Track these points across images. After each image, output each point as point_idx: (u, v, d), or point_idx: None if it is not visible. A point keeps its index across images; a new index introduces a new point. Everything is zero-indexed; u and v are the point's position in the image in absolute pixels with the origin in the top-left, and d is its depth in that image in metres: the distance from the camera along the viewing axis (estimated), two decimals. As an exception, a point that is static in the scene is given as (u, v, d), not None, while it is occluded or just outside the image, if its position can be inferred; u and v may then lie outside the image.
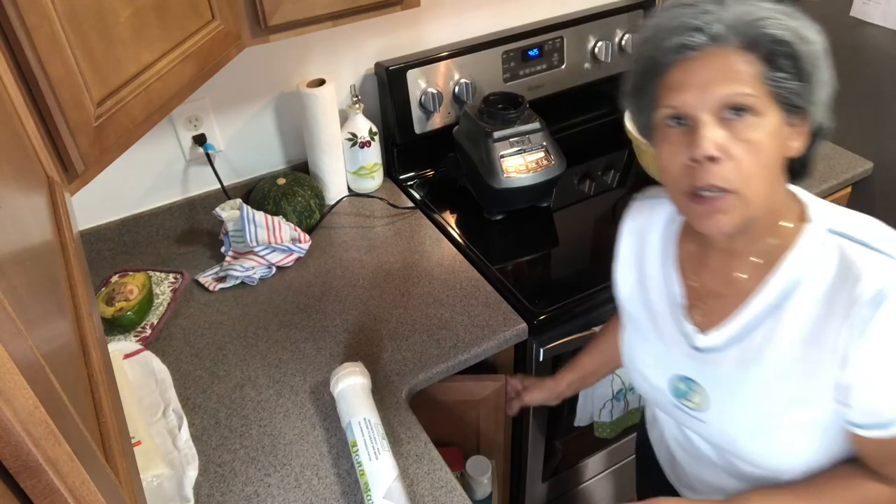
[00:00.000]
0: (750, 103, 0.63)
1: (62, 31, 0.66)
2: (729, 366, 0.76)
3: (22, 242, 0.42)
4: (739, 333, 0.75)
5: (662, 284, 0.83)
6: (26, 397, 0.28)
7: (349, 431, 0.93)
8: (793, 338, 0.71)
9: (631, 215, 0.90)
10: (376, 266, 1.32)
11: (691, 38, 0.64)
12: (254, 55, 1.32)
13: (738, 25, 0.63)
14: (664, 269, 0.83)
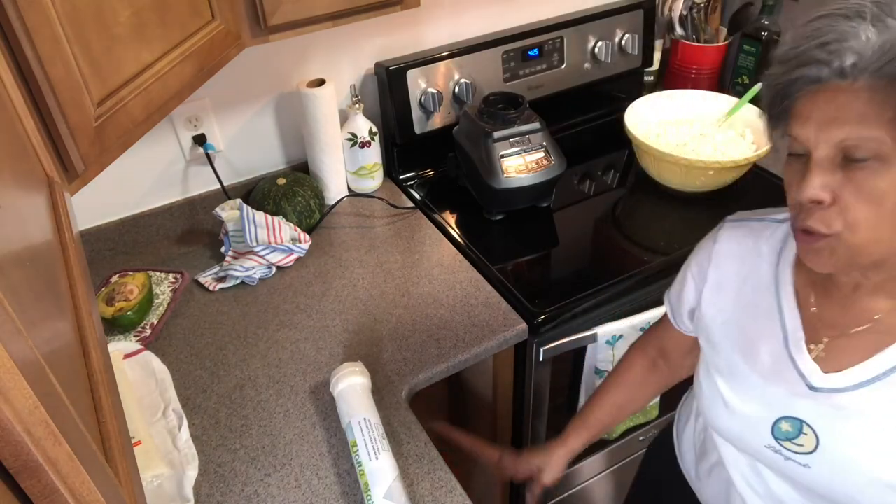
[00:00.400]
0: (870, 149, 0.56)
1: (62, 31, 0.66)
2: (854, 408, 0.68)
3: (22, 242, 0.42)
4: (877, 376, 0.67)
5: (770, 314, 0.75)
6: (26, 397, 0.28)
7: (349, 431, 0.93)
8: None
9: (727, 236, 0.81)
10: (376, 266, 1.32)
11: (816, 72, 0.57)
12: (254, 55, 1.32)
13: (875, 61, 0.54)
14: (776, 298, 0.75)
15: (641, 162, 1.52)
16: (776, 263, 0.76)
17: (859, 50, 0.54)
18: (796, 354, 0.72)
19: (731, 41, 1.75)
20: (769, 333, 0.75)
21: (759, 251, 0.77)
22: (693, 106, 1.57)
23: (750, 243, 0.79)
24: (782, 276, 0.75)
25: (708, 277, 0.82)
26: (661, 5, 1.73)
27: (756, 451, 0.78)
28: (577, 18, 1.59)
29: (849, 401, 0.69)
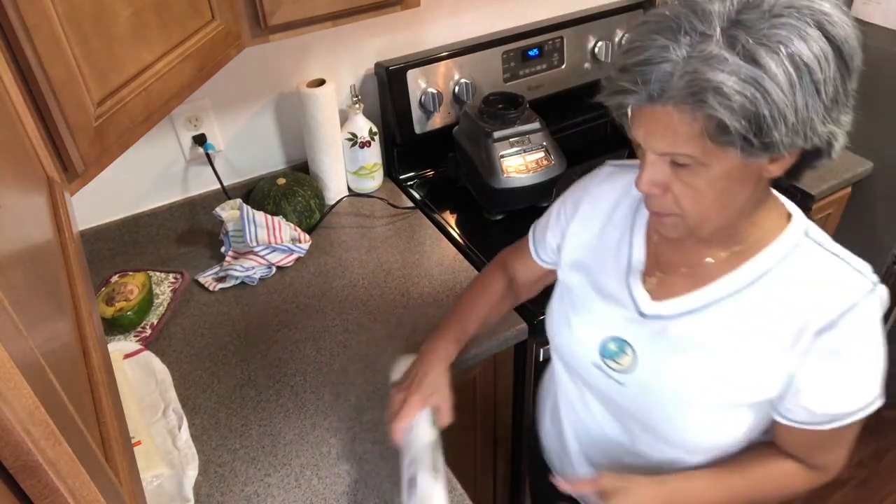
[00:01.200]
0: (687, 162, 0.64)
1: (62, 31, 0.66)
2: (673, 335, 0.77)
3: (22, 242, 0.42)
4: (696, 308, 0.76)
5: (622, 246, 0.84)
6: (26, 397, 0.28)
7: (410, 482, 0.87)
8: (748, 324, 0.73)
9: (605, 177, 0.89)
10: (376, 266, 1.32)
11: (628, 99, 0.62)
12: (254, 55, 1.32)
13: (679, 90, 0.59)
14: (630, 234, 0.84)
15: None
16: (638, 206, 0.84)
17: (663, 77, 0.59)
18: (633, 283, 0.81)
19: (731, 41, 1.74)
20: (617, 263, 0.84)
21: (629, 192, 0.86)
22: (693, 106, 1.57)
23: (622, 186, 0.87)
24: (639, 216, 0.84)
25: (579, 211, 0.89)
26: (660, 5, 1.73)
27: (583, 368, 0.87)
28: (577, 18, 1.59)
29: (668, 327, 0.78)
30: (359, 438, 1.01)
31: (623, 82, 0.62)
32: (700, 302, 0.76)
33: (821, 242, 0.73)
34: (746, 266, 0.74)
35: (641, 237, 0.83)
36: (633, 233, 0.84)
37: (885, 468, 1.97)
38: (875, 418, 0.74)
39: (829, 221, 1.66)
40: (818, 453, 0.79)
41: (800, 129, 0.60)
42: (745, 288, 0.74)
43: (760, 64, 0.57)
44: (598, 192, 0.88)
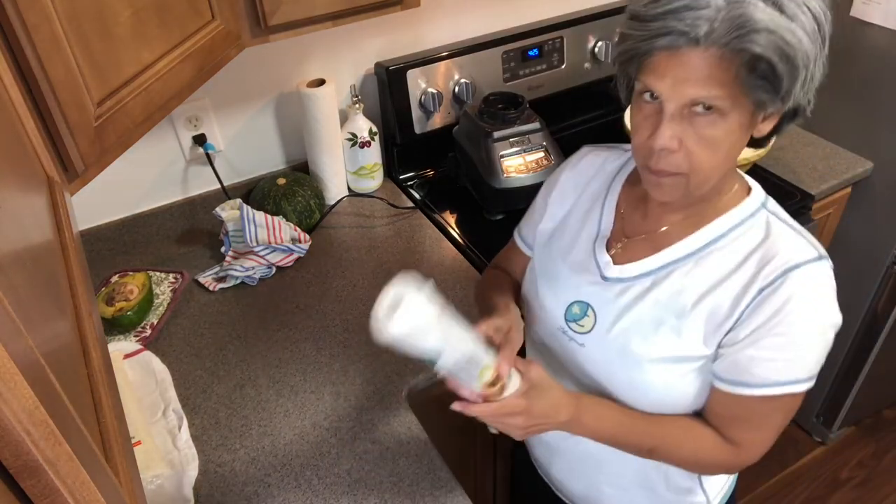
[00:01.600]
0: (717, 105, 0.65)
1: (62, 31, 0.66)
2: (629, 296, 0.81)
3: (22, 242, 0.42)
4: (653, 270, 0.80)
5: (592, 217, 0.88)
6: (26, 397, 0.28)
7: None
8: (700, 284, 0.77)
9: (582, 157, 0.94)
10: (376, 266, 1.32)
11: (675, 40, 0.63)
12: (254, 55, 1.31)
13: (725, 33, 0.62)
14: (601, 204, 0.88)
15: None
16: (611, 178, 0.89)
17: (711, 20, 0.62)
18: (598, 249, 0.85)
19: (731, 41, 1.74)
20: (586, 233, 0.88)
21: (604, 168, 0.91)
22: (693, 106, 1.57)
23: (599, 163, 0.92)
24: (612, 188, 0.88)
25: (556, 187, 0.94)
26: None
27: (549, 334, 0.90)
28: (577, 18, 1.59)
29: (627, 289, 0.82)
30: (359, 438, 1.01)
31: (671, 23, 0.63)
32: (657, 263, 0.80)
33: (776, 213, 0.78)
34: (703, 230, 0.78)
35: (611, 208, 0.87)
36: (605, 204, 0.88)
37: (885, 468, 1.97)
38: (875, 418, 0.74)
39: (829, 221, 1.66)
40: (736, 425, 0.79)
41: (807, 82, 0.66)
42: (699, 250, 0.78)
43: (789, 13, 0.62)
44: (575, 169, 0.93)
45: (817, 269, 0.72)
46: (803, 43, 0.63)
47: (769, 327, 0.72)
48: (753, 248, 0.75)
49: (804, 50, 0.63)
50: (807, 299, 0.72)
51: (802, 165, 1.58)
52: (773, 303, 0.72)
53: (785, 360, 0.73)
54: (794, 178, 1.53)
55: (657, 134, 0.68)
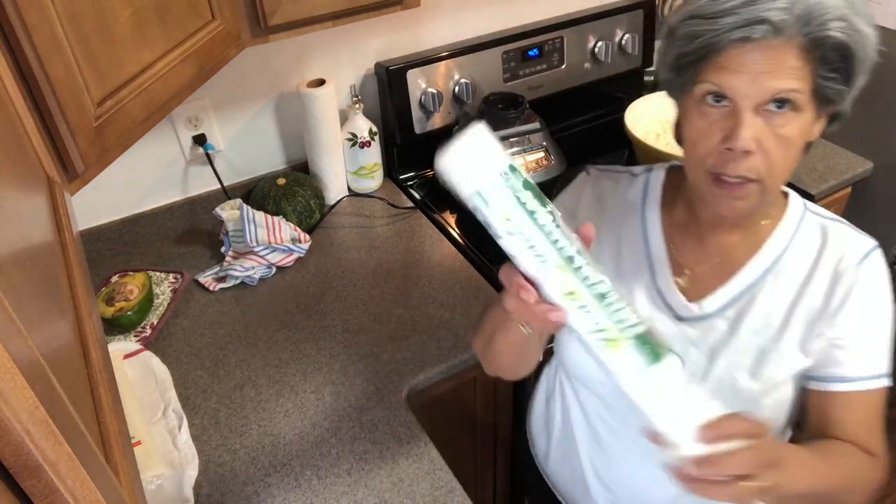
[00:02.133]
0: (795, 99, 0.63)
1: (62, 31, 0.66)
2: (718, 332, 0.76)
3: (22, 242, 0.42)
4: (735, 296, 0.76)
5: (638, 249, 0.80)
6: (26, 397, 0.28)
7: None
8: (785, 297, 0.74)
9: (596, 181, 0.85)
10: (376, 266, 1.32)
11: (753, 30, 0.60)
12: (254, 55, 1.32)
13: (806, 23, 0.60)
14: (641, 236, 0.81)
15: (641, 162, 1.52)
16: (641, 209, 0.82)
17: (788, 9, 0.59)
18: (664, 288, 0.78)
19: (731, 41, 1.74)
20: (636, 272, 0.80)
21: (625, 198, 0.83)
22: (693, 106, 1.57)
23: (615, 189, 0.84)
24: (649, 218, 0.81)
25: (579, 217, 0.82)
26: (661, 5, 1.73)
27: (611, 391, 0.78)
28: (577, 18, 1.59)
29: (712, 324, 0.76)
30: (359, 438, 1.01)
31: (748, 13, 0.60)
32: (737, 289, 0.76)
33: (819, 213, 0.78)
34: (769, 243, 0.75)
35: (658, 239, 0.80)
36: (648, 237, 0.80)
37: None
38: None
39: (829, 221, 1.66)
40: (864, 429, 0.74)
41: (861, 79, 0.65)
42: (772, 266, 0.75)
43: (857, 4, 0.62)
44: (596, 196, 0.84)
45: (880, 255, 0.74)
46: (869, 36, 0.63)
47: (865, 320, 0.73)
48: (819, 248, 0.75)
49: (870, 43, 0.63)
50: (882, 284, 0.73)
51: (802, 165, 1.58)
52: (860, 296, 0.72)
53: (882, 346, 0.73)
54: (794, 177, 1.53)
55: (736, 136, 0.63)
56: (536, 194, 0.50)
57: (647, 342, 0.50)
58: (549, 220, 0.50)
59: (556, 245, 0.50)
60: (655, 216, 0.81)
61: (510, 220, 0.49)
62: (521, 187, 0.50)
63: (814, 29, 0.60)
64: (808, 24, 0.60)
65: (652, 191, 0.83)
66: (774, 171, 0.66)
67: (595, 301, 0.50)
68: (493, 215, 0.50)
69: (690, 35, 0.64)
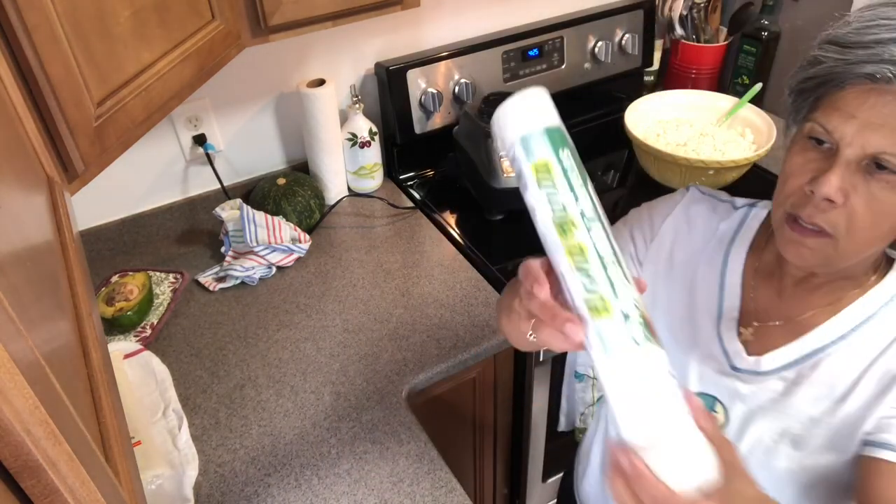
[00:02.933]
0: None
1: (62, 31, 0.65)
2: (769, 392, 0.70)
3: (22, 242, 0.42)
4: (797, 359, 0.69)
5: (710, 289, 0.75)
6: (26, 397, 0.28)
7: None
8: (853, 367, 0.66)
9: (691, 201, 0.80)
10: (376, 266, 1.32)
11: (882, 68, 0.53)
12: (254, 55, 1.32)
13: None
14: (718, 274, 0.75)
15: (641, 162, 1.52)
16: (729, 243, 0.76)
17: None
18: (725, 334, 0.73)
19: (731, 41, 1.75)
20: (704, 309, 0.75)
21: (717, 228, 0.77)
22: (693, 106, 1.57)
23: (710, 216, 0.78)
24: (733, 257, 0.75)
25: (661, 231, 0.79)
26: (661, 5, 1.73)
27: None
28: (577, 18, 1.59)
29: (766, 382, 0.70)
30: (359, 438, 1.01)
31: (883, 52, 0.53)
32: (800, 352, 0.68)
33: None
34: (849, 310, 0.67)
35: (736, 282, 0.74)
36: (725, 275, 0.74)
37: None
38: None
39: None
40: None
41: None
42: (848, 334, 0.67)
43: None
44: (684, 217, 0.78)
45: None
46: None
47: None
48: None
49: None
50: None
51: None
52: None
53: None
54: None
55: (823, 180, 0.57)
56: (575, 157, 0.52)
57: (642, 323, 0.48)
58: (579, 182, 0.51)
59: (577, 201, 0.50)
60: (740, 257, 0.74)
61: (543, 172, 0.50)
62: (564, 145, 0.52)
63: None
64: None
65: (747, 229, 0.76)
66: (855, 234, 0.59)
67: (600, 266, 0.48)
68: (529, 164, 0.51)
69: (817, 60, 0.58)
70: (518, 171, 0.52)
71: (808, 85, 0.60)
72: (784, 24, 1.68)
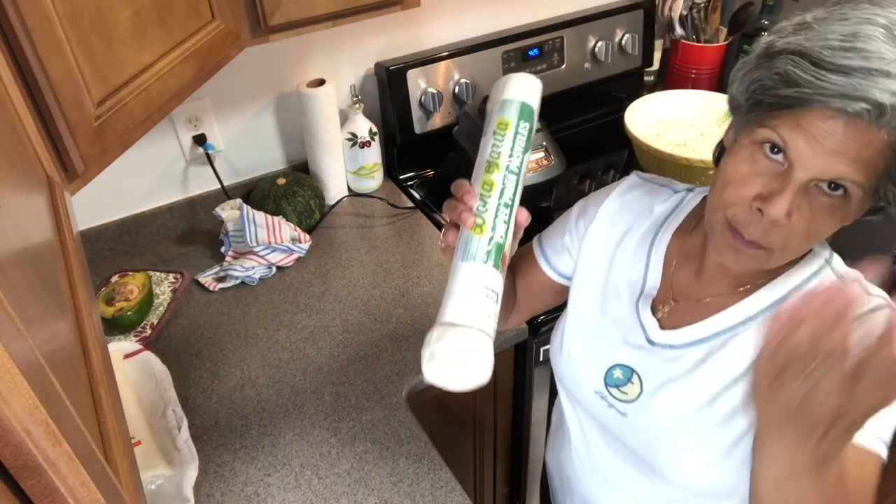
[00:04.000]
0: (852, 192, 0.55)
1: (62, 31, 0.66)
2: (682, 365, 0.73)
3: (22, 242, 0.42)
4: (707, 336, 0.72)
5: (636, 267, 0.79)
6: (26, 397, 0.28)
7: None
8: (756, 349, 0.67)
9: (628, 187, 0.83)
10: (376, 266, 1.32)
11: (855, 106, 0.51)
12: (254, 55, 1.32)
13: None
14: (646, 254, 0.78)
15: (641, 162, 1.52)
16: (660, 225, 0.79)
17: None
18: (642, 309, 0.76)
19: (731, 41, 1.75)
20: (629, 286, 0.79)
21: (652, 209, 0.80)
22: (693, 106, 1.57)
23: (646, 200, 0.81)
24: (661, 238, 0.78)
25: (597, 216, 0.83)
26: (661, 5, 1.73)
27: (586, 397, 0.82)
28: (577, 18, 1.59)
29: (677, 356, 0.73)
30: (359, 438, 1.01)
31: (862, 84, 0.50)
32: (711, 330, 0.71)
33: (841, 274, 0.68)
34: (760, 293, 0.69)
35: (658, 262, 0.77)
36: (650, 256, 0.78)
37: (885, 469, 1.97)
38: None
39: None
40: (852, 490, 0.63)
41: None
42: (757, 314, 0.69)
43: None
44: (622, 200, 0.82)
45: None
46: None
47: None
48: None
49: None
50: None
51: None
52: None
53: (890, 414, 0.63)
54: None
55: (774, 202, 0.56)
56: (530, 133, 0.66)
57: (495, 253, 0.64)
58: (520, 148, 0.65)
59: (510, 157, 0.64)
60: (666, 238, 0.77)
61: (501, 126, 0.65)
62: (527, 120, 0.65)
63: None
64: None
65: (680, 211, 0.79)
66: (789, 248, 0.60)
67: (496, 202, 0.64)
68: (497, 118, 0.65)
69: (786, 75, 0.54)
70: (488, 119, 0.67)
71: (768, 95, 0.56)
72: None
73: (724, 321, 0.71)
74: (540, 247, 0.90)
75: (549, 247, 0.89)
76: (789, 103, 0.55)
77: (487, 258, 0.63)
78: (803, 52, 0.54)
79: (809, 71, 0.53)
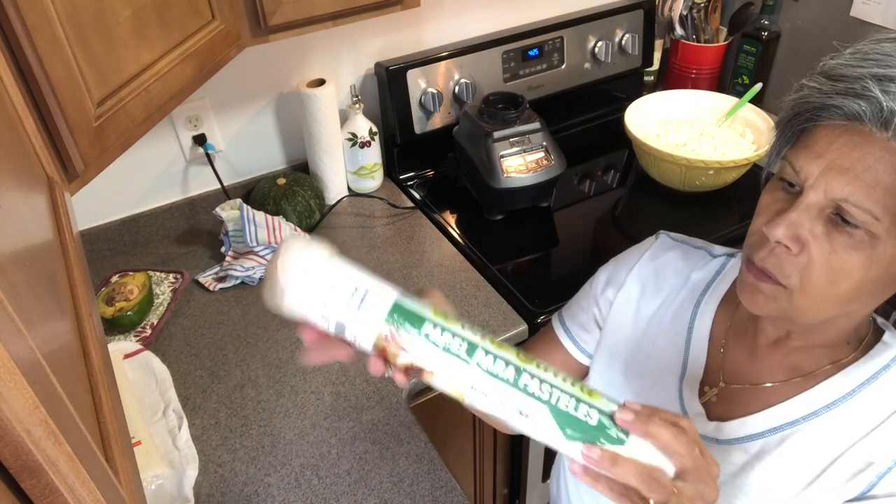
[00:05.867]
0: (865, 224, 0.49)
1: (62, 31, 0.66)
2: (730, 463, 0.64)
3: (22, 242, 0.42)
4: (763, 431, 0.63)
5: (675, 343, 0.70)
6: (26, 397, 0.28)
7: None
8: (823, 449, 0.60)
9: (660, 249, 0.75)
10: (376, 266, 1.32)
11: (858, 108, 0.48)
12: (254, 55, 1.32)
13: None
14: (688, 331, 0.69)
15: (641, 162, 1.52)
16: (701, 295, 0.70)
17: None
18: (686, 393, 0.67)
19: (731, 41, 1.75)
20: (668, 363, 0.70)
21: (688, 277, 0.72)
22: (693, 106, 1.57)
23: (680, 265, 0.73)
24: (703, 310, 0.70)
25: (627, 282, 0.75)
26: (661, 5, 1.74)
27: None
28: (577, 18, 1.59)
29: (727, 453, 0.64)
30: (359, 438, 1.01)
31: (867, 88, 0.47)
32: (768, 424, 0.62)
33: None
34: (825, 385, 0.61)
35: (703, 337, 0.68)
36: (692, 331, 0.69)
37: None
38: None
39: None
40: None
41: None
42: (821, 411, 0.61)
43: None
44: (652, 266, 0.74)
45: None
46: None
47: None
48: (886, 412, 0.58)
49: None
50: None
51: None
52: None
53: None
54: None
55: (778, 220, 0.52)
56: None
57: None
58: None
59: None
60: (711, 311, 0.69)
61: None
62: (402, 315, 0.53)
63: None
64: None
65: (722, 280, 0.70)
66: (810, 289, 0.53)
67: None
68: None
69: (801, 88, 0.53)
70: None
71: (787, 115, 0.55)
72: (784, 24, 1.68)
73: (784, 414, 0.62)
74: (562, 325, 0.81)
75: (574, 322, 0.80)
76: (797, 114, 0.53)
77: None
78: (822, 70, 0.53)
79: (819, 80, 0.52)
